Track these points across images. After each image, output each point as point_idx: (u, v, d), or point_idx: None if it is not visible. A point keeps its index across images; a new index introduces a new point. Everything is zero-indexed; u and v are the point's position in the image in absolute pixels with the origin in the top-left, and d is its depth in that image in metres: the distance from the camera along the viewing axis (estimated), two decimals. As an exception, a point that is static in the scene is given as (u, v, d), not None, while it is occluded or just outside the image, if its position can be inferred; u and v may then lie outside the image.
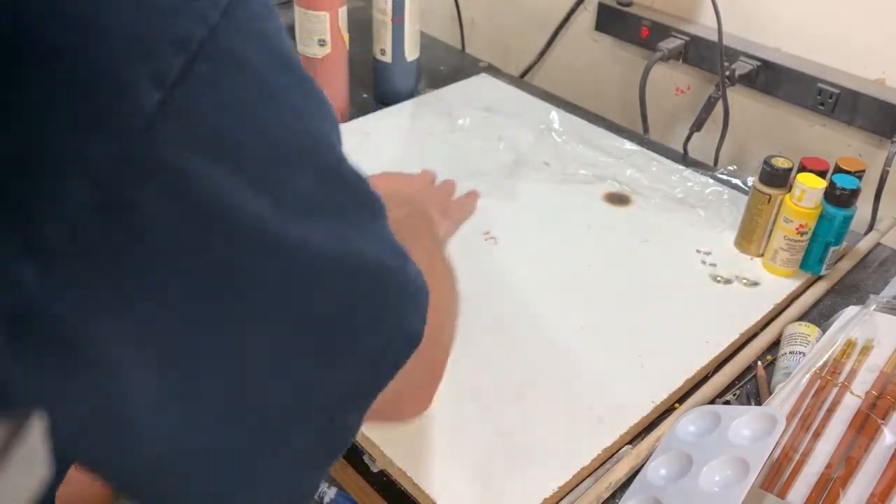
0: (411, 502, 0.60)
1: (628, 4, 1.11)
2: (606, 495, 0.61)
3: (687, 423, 0.64)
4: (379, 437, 0.62)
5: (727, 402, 0.70)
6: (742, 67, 1.00)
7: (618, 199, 0.93)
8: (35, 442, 0.32)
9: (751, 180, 0.87)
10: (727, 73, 1.00)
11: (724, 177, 0.97)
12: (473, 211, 0.78)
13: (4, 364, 0.25)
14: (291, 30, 1.03)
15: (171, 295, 0.27)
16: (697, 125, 1.06)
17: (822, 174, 0.78)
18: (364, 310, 0.35)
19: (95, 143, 0.24)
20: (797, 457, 0.62)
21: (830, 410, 0.65)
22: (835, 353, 0.70)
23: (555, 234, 0.87)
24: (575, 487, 0.61)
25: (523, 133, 1.04)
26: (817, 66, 0.97)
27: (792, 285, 0.81)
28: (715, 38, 1.00)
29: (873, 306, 0.75)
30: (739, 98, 1.06)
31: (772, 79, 1.00)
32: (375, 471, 0.63)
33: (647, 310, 0.77)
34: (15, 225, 0.24)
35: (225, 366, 0.30)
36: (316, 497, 1.04)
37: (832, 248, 0.80)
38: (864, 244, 0.89)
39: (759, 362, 0.73)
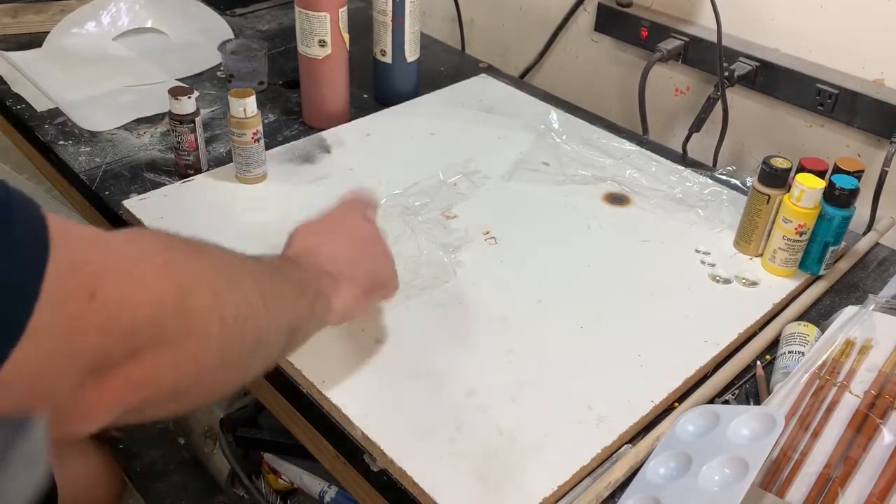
0: (411, 502, 0.61)
1: (628, 5, 1.12)
2: (606, 494, 0.61)
3: (686, 422, 0.64)
4: (379, 436, 0.63)
5: (726, 402, 0.70)
6: (741, 68, 1.00)
7: (617, 200, 0.93)
8: (35, 442, 0.32)
9: (750, 180, 0.87)
10: (726, 73, 1.00)
11: (724, 177, 0.98)
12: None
13: None
14: (292, 30, 1.04)
15: None
16: (696, 125, 1.06)
17: (820, 174, 0.79)
18: None
19: None
20: (796, 456, 0.62)
21: (829, 410, 0.65)
22: (833, 353, 0.71)
23: (555, 234, 0.87)
24: (574, 486, 0.61)
25: (523, 133, 1.05)
26: (816, 67, 0.97)
27: (791, 285, 0.82)
28: (714, 38, 1.00)
29: (872, 306, 0.75)
30: (738, 98, 1.06)
31: (771, 79, 1.00)
32: (376, 470, 0.63)
33: (646, 309, 0.77)
34: None
35: None
36: (317, 496, 1.04)
37: (831, 248, 0.80)
38: (863, 244, 0.89)
39: (758, 362, 0.74)
